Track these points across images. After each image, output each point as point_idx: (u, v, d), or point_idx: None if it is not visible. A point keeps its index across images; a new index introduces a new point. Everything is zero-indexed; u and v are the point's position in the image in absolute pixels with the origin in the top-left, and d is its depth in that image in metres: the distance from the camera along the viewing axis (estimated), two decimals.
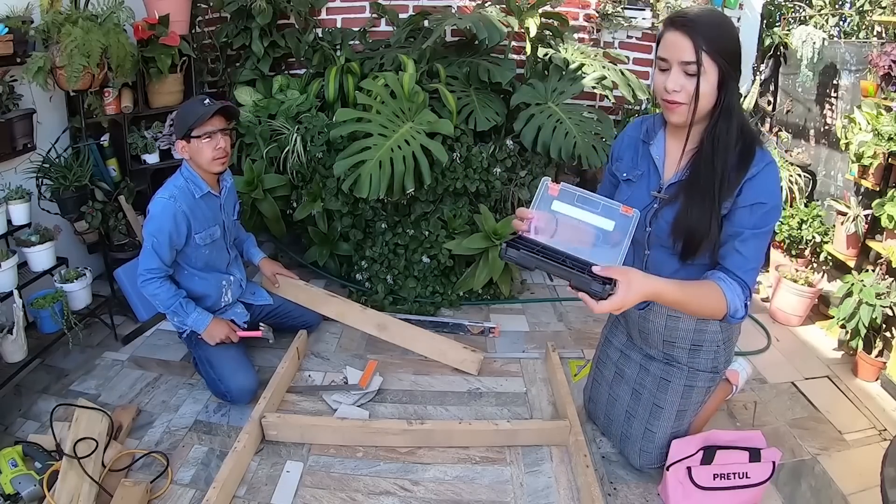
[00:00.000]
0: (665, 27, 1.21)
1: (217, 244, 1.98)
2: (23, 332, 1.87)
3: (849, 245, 2.42)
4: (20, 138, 2.07)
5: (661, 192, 1.35)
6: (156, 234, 1.79)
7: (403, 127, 2.40)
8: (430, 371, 2.10)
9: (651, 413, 1.55)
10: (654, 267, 1.43)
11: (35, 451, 1.55)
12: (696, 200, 1.25)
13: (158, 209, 1.80)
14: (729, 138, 1.20)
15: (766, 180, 1.22)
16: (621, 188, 1.46)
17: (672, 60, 1.19)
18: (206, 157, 1.82)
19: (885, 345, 2.09)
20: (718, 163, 1.21)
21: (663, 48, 1.21)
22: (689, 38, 1.15)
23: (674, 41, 1.18)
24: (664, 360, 1.53)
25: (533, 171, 2.64)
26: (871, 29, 2.94)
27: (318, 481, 1.60)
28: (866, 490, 1.58)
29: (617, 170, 1.48)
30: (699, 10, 1.20)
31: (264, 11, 2.75)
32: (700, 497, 1.46)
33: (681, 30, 1.17)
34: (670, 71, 1.19)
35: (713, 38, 1.15)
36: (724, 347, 1.48)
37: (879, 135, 2.19)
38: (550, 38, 2.90)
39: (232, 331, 1.92)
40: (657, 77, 1.23)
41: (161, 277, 1.85)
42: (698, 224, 1.25)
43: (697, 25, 1.16)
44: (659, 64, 1.22)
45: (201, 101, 1.82)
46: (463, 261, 2.58)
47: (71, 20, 2.07)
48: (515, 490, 1.58)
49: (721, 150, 1.21)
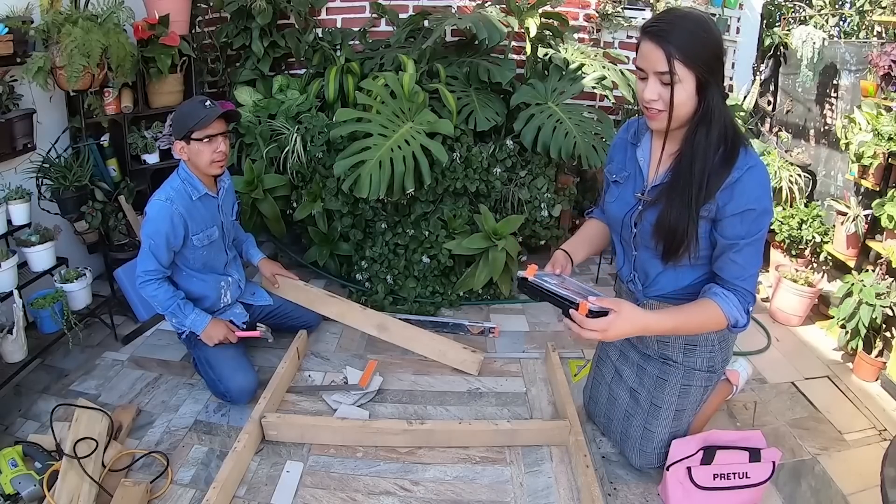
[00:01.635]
0: (640, 35, 1.19)
1: (215, 245, 1.98)
2: (23, 332, 1.87)
3: (849, 245, 2.42)
4: (20, 138, 2.07)
5: (643, 194, 1.35)
6: (152, 237, 1.79)
7: (403, 127, 2.40)
8: (430, 371, 2.10)
9: (649, 413, 1.55)
10: (641, 268, 1.45)
11: (35, 451, 1.55)
12: (675, 203, 1.25)
13: (155, 211, 1.79)
14: (708, 143, 1.19)
15: (752, 184, 1.20)
16: (611, 189, 1.47)
17: (648, 70, 1.18)
18: (205, 159, 1.81)
19: (885, 345, 2.09)
20: (697, 167, 1.21)
21: (639, 58, 1.20)
22: (661, 48, 1.14)
23: (648, 51, 1.17)
24: (661, 359, 1.53)
25: (533, 171, 2.64)
26: (871, 29, 2.95)
27: (318, 481, 1.60)
28: (866, 490, 1.58)
29: (609, 171, 1.49)
30: (674, 16, 1.17)
31: (264, 11, 2.76)
32: (700, 497, 1.46)
33: (653, 39, 1.15)
34: (647, 80, 1.19)
35: (687, 46, 1.13)
36: (720, 347, 1.48)
37: (879, 135, 2.19)
38: (550, 38, 2.90)
39: (230, 331, 1.92)
40: (637, 84, 1.23)
41: (159, 279, 1.85)
42: (677, 226, 1.25)
43: (670, 34, 1.13)
44: (637, 73, 1.22)
45: (202, 102, 1.79)
46: (463, 261, 2.58)
47: (71, 20, 2.07)
48: (515, 490, 1.58)
49: (700, 155, 1.20)
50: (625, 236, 1.43)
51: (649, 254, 1.38)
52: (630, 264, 1.48)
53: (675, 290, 1.41)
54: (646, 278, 1.45)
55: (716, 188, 1.20)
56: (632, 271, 1.48)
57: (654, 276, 1.41)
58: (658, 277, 1.41)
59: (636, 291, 1.48)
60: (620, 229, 1.44)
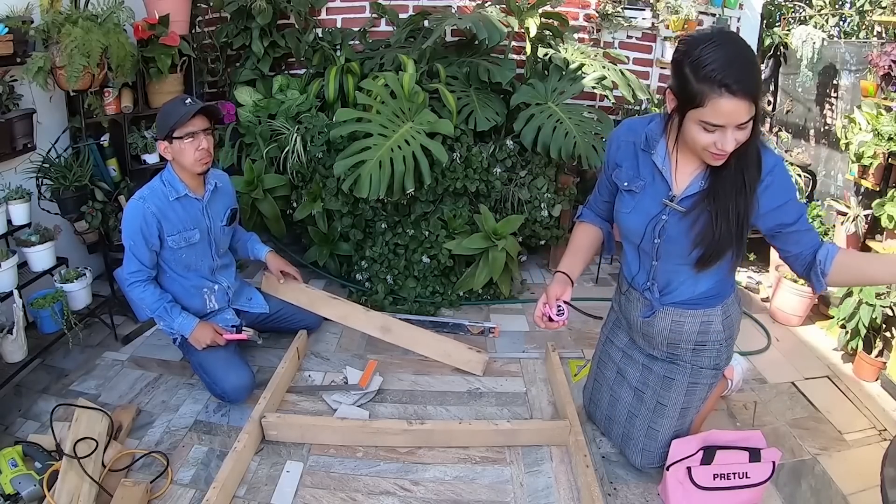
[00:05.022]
0: (715, 90, 1.10)
1: (196, 249, 1.93)
2: (23, 332, 1.87)
3: (849, 245, 2.42)
4: (20, 138, 2.07)
5: (674, 202, 1.32)
6: (131, 237, 1.80)
7: (403, 127, 2.40)
8: (430, 371, 2.10)
9: (655, 412, 1.55)
10: (663, 276, 1.43)
11: (35, 451, 1.55)
12: (722, 211, 1.25)
13: (129, 211, 1.80)
14: (753, 154, 1.23)
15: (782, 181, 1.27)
16: (623, 198, 1.42)
17: (729, 125, 1.14)
18: (188, 157, 1.80)
19: (885, 345, 2.09)
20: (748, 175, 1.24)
21: (718, 115, 1.12)
22: (746, 101, 1.11)
23: (734, 108, 1.11)
24: (667, 359, 1.53)
25: (533, 171, 2.64)
26: (871, 29, 2.95)
27: (318, 481, 1.60)
28: (866, 490, 1.58)
29: (616, 178, 1.43)
30: (742, 62, 1.11)
31: (264, 11, 2.76)
32: (700, 497, 1.46)
33: (741, 96, 1.10)
34: (724, 131, 1.15)
35: (759, 89, 1.14)
36: (726, 345, 1.49)
37: (879, 135, 2.19)
38: (550, 38, 2.90)
39: (218, 334, 1.91)
40: (701, 135, 1.17)
41: (144, 281, 1.85)
42: (726, 234, 1.26)
43: (751, 83, 1.10)
44: (704, 125, 1.16)
45: (182, 100, 1.79)
46: (463, 261, 2.58)
47: (71, 20, 2.07)
48: (515, 490, 1.58)
49: (749, 166, 1.23)
50: (644, 246, 1.40)
51: (677, 262, 1.37)
52: (647, 273, 1.45)
53: (691, 297, 1.42)
54: (666, 286, 1.44)
55: (754, 191, 1.25)
56: (649, 280, 1.45)
57: (677, 284, 1.41)
58: (680, 285, 1.41)
59: (652, 299, 1.46)
60: (640, 240, 1.40)
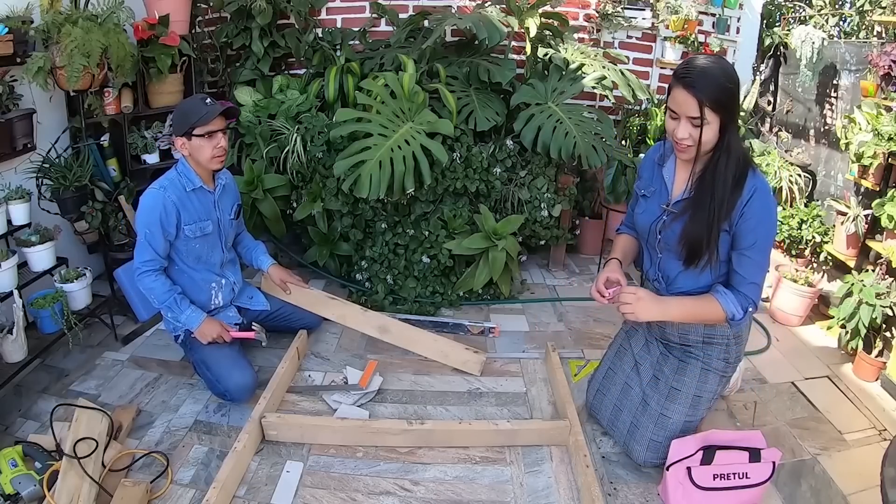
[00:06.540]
0: (673, 81, 1.37)
1: (209, 240, 1.97)
2: (23, 332, 1.87)
3: (849, 245, 2.42)
4: (20, 138, 2.07)
5: (669, 206, 1.54)
6: (148, 226, 1.81)
7: (403, 127, 2.40)
8: (430, 371, 2.10)
9: (668, 397, 1.61)
10: (664, 268, 1.61)
11: (35, 451, 1.55)
12: (698, 218, 1.44)
13: (149, 199, 1.83)
14: (727, 171, 1.40)
15: (759, 206, 1.40)
16: (640, 202, 1.67)
17: (680, 114, 1.36)
18: (206, 155, 1.85)
19: (885, 345, 2.09)
20: (718, 189, 1.41)
21: (672, 102, 1.38)
22: (695, 97, 1.31)
23: (682, 99, 1.34)
24: (682, 349, 1.65)
25: (533, 171, 2.64)
26: (871, 29, 2.95)
27: (318, 481, 1.60)
28: (866, 490, 1.58)
29: (638, 186, 1.69)
30: (703, 65, 1.33)
31: (264, 11, 2.76)
32: (700, 497, 1.46)
33: (687, 89, 1.32)
34: (680, 120, 1.38)
35: (715, 95, 1.31)
36: (735, 343, 1.58)
37: (879, 135, 2.19)
38: (550, 38, 2.90)
39: (224, 330, 1.92)
40: (668, 122, 1.42)
41: (156, 270, 1.86)
42: (699, 237, 1.44)
43: (702, 84, 1.31)
44: (669, 112, 1.40)
45: (202, 100, 1.83)
46: (463, 261, 2.58)
47: (71, 20, 2.07)
48: (515, 490, 1.58)
49: (720, 181, 1.40)
50: (650, 242, 1.63)
51: (672, 257, 1.55)
52: (655, 266, 1.64)
53: (694, 288, 1.56)
54: (671, 277, 1.61)
55: (732, 206, 1.41)
56: (657, 272, 1.64)
57: (675, 276, 1.58)
58: (678, 277, 1.58)
59: (660, 289, 1.64)
60: (647, 236, 1.63)
